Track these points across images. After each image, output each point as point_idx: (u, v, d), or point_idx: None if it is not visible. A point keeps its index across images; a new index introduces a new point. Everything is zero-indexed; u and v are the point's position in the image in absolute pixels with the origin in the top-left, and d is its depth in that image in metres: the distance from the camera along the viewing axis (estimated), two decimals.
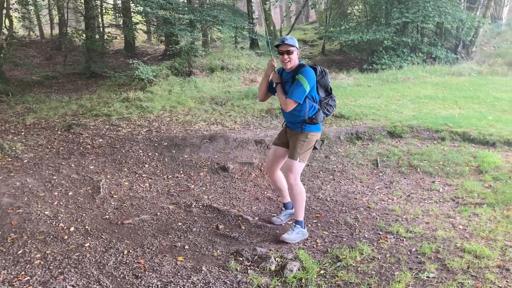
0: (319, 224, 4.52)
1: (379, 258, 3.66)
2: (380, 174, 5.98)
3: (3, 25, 13.17)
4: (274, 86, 4.15)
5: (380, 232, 4.19)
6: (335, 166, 6.30)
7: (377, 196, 5.25)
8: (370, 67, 14.65)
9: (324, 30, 18.53)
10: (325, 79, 4.07)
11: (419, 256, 3.65)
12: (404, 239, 3.99)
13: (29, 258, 3.76)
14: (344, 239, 4.09)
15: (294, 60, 3.98)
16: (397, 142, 6.96)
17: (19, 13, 16.84)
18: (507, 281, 3.20)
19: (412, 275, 3.34)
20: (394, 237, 4.05)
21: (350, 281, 3.31)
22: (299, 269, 3.48)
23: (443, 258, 3.58)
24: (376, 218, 4.54)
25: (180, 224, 4.56)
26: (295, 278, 3.35)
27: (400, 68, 14.16)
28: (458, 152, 6.31)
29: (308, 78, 3.87)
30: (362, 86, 11.57)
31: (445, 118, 7.74)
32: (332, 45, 20.31)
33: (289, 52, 3.92)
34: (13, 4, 15.15)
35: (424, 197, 5.12)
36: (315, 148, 4.24)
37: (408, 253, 3.73)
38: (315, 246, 3.99)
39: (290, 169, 4.05)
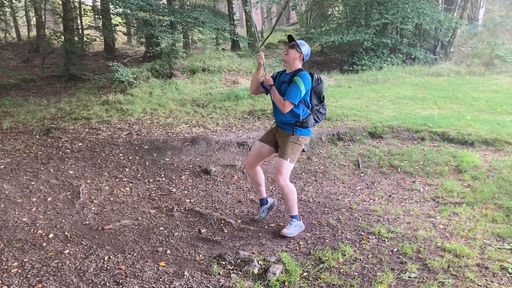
0: None
1: (362, 259, 3.67)
2: (362, 174, 6.02)
3: None
4: (268, 88, 4.20)
5: (362, 233, 4.21)
6: (317, 167, 6.32)
7: (359, 197, 5.28)
8: (351, 68, 14.77)
9: (305, 32, 18.61)
10: (320, 87, 4.16)
11: (401, 256, 3.68)
12: (386, 240, 4.02)
13: (5, 267, 3.66)
14: (327, 241, 4.10)
15: (292, 57, 4.09)
16: (377, 142, 7.02)
17: None
18: (486, 279, 3.24)
19: (394, 275, 3.37)
20: (376, 238, 4.08)
21: (333, 283, 3.32)
22: (282, 272, 3.47)
23: (424, 258, 3.61)
24: (358, 219, 4.56)
25: (161, 228, 4.51)
26: (278, 281, 3.34)
27: (380, 69, 14.31)
28: (438, 152, 6.40)
29: (305, 82, 3.98)
30: (343, 87, 11.65)
31: (425, 118, 7.84)
32: (313, 46, 20.40)
33: (291, 46, 4.10)
34: None
35: (405, 197, 5.16)
36: (303, 150, 4.28)
37: (390, 253, 3.76)
38: (298, 248, 3.99)
39: (280, 169, 4.11)
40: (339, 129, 7.47)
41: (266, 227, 4.54)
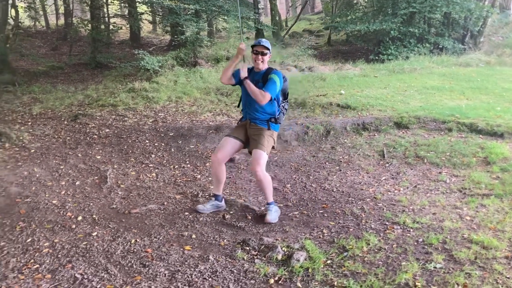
0: (325, 215, 4.52)
1: (386, 249, 3.66)
2: (387, 165, 5.96)
3: (9, 15, 13.17)
4: (242, 79, 4.20)
5: (387, 223, 4.18)
6: (341, 157, 6.29)
7: (384, 187, 5.24)
8: (377, 57, 14.55)
9: (330, 20, 18.40)
10: (286, 84, 4.35)
11: (426, 247, 3.65)
12: (411, 230, 3.99)
13: (37, 247, 3.79)
14: (351, 230, 4.09)
15: (266, 62, 4.26)
16: (403, 133, 6.93)
17: (24, 3, 16.85)
18: None
19: (419, 265, 3.34)
20: (400, 228, 4.05)
21: (357, 271, 3.31)
22: (305, 259, 3.48)
23: (450, 249, 3.57)
24: (383, 209, 4.54)
25: (187, 213, 4.58)
26: (301, 267, 3.36)
27: (407, 58, 14.06)
28: (465, 143, 6.28)
29: (280, 79, 4.17)
30: (368, 77, 11.51)
31: (452, 109, 7.69)
32: (338, 35, 20.19)
33: (263, 53, 4.21)
34: None
35: (431, 188, 5.10)
36: (273, 147, 4.42)
37: (415, 243, 3.73)
38: (321, 236, 4.00)
39: (258, 161, 4.19)
40: (364, 118, 7.40)
41: (289, 214, 4.56)
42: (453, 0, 14.24)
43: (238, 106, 4.63)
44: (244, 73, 4.19)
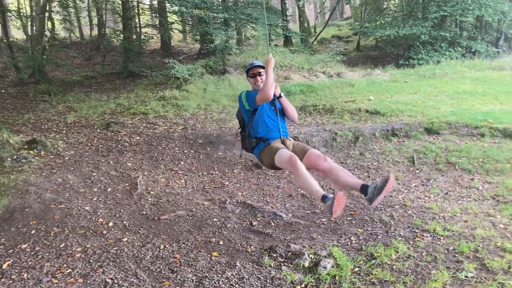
0: (353, 222, 4.49)
1: (415, 257, 3.60)
2: (417, 171, 5.86)
3: (46, 27, 13.67)
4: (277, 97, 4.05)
5: (416, 230, 4.11)
6: (370, 163, 6.22)
7: (413, 194, 5.15)
8: (407, 62, 14.33)
9: (359, 26, 18.25)
10: None
11: (457, 255, 3.57)
12: (441, 238, 3.91)
13: (70, 252, 3.91)
14: (379, 237, 4.04)
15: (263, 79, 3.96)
16: (434, 138, 6.80)
17: (60, 15, 17.45)
18: None
19: (449, 274, 3.27)
20: (430, 236, 3.97)
21: (385, 279, 3.27)
22: (333, 266, 3.47)
23: (483, 258, 3.48)
24: (412, 216, 4.46)
25: (215, 220, 4.63)
26: (328, 275, 3.35)
27: (438, 63, 13.78)
28: (499, 149, 6.11)
29: None
30: (398, 82, 11.35)
31: (485, 113, 7.49)
32: (367, 40, 20.01)
33: (260, 74, 3.99)
34: (55, 7, 15.69)
35: (463, 195, 4.98)
36: None
37: (446, 251, 3.65)
38: (349, 243, 3.97)
39: (320, 155, 3.76)
40: (394, 124, 7.29)
41: (317, 221, 4.54)
42: (485, 2, 13.91)
43: (243, 130, 4.21)
44: (278, 90, 4.03)
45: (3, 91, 12.21)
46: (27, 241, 4.12)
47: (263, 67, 3.99)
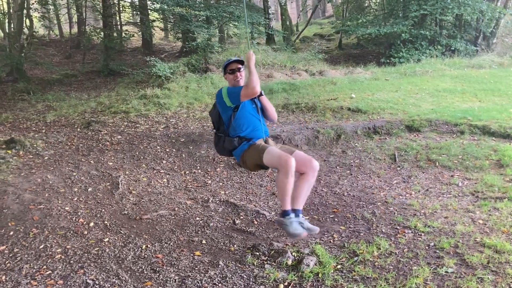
0: (336, 219, 4.51)
1: (397, 253, 3.63)
2: (398, 168, 5.92)
3: (24, 25, 13.40)
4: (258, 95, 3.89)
5: (398, 227, 4.15)
6: (352, 161, 6.26)
7: (395, 191, 5.20)
8: (388, 60, 14.48)
9: (341, 24, 18.37)
10: None
11: (438, 251, 3.62)
12: (422, 234, 3.95)
13: (50, 253, 3.84)
14: (361, 234, 4.07)
15: (244, 76, 3.86)
16: (415, 136, 6.88)
17: (39, 12, 17.12)
18: None
19: (430, 270, 3.31)
20: (412, 232, 4.02)
21: (367, 275, 3.30)
22: (315, 264, 3.47)
23: (462, 253, 3.53)
24: (394, 213, 4.50)
25: (197, 219, 4.60)
26: (311, 272, 3.35)
27: (418, 61, 13.97)
28: (478, 146, 6.21)
29: None
30: (379, 80, 11.46)
31: (465, 111, 7.62)
32: (349, 39, 20.15)
33: (240, 69, 3.81)
34: (33, 4, 15.39)
35: (443, 192, 5.05)
36: None
37: (426, 247, 3.69)
38: (331, 241, 3.98)
39: (309, 157, 3.69)
40: (375, 122, 7.36)
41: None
42: (464, 1, 14.13)
43: (218, 130, 3.97)
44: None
45: None
46: (5, 243, 4.04)
47: (241, 63, 3.83)
